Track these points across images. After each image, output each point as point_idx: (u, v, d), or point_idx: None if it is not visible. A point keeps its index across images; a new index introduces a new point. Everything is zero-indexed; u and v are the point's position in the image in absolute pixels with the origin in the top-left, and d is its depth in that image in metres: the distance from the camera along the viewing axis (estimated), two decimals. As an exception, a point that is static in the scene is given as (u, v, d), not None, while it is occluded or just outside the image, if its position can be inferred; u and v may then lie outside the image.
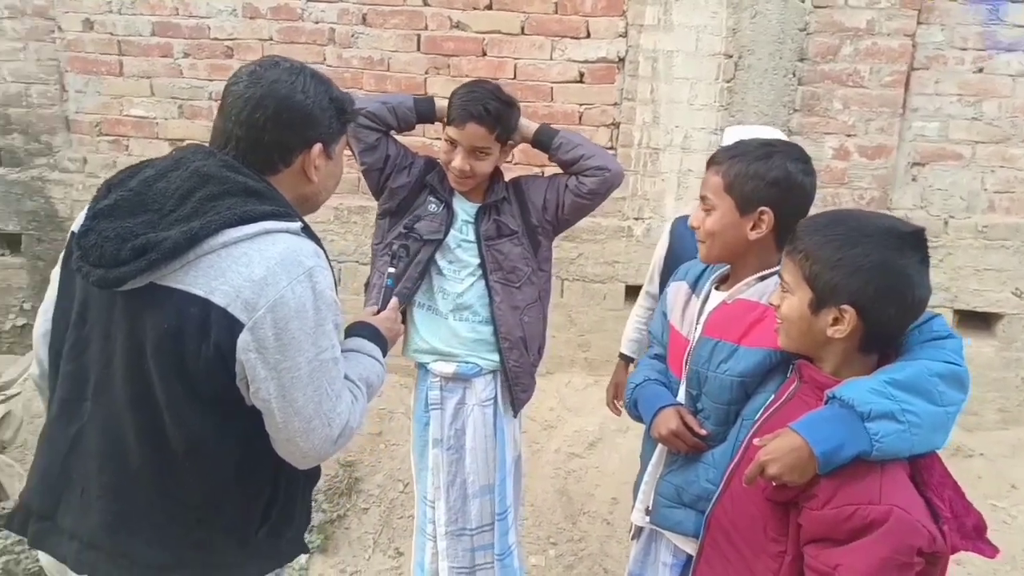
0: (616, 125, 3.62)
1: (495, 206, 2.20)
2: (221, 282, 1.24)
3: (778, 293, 1.41)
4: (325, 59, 3.78)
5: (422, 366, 2.34)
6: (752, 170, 1.58)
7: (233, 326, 1.24)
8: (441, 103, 2.22)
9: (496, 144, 2.10)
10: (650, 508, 1.80)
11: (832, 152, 3.51)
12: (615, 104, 3.63)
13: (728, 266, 1.72)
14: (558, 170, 2.26)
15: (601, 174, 2.13)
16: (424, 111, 2.22)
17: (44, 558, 1.44)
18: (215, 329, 1.24)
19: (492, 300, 2.19)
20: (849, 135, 3.48)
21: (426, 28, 3.67)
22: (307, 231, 1.39)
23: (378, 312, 1.83)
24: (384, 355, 1.64)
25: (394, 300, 1.81)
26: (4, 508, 3.13)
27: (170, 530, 1.35)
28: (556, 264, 2.62)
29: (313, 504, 3.14)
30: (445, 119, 2.13)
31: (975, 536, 1.29)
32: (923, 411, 1.22)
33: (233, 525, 1.40)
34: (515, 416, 2.40)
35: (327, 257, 1.40)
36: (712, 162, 1.67)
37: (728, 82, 3.49)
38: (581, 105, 3.64)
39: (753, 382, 1.55)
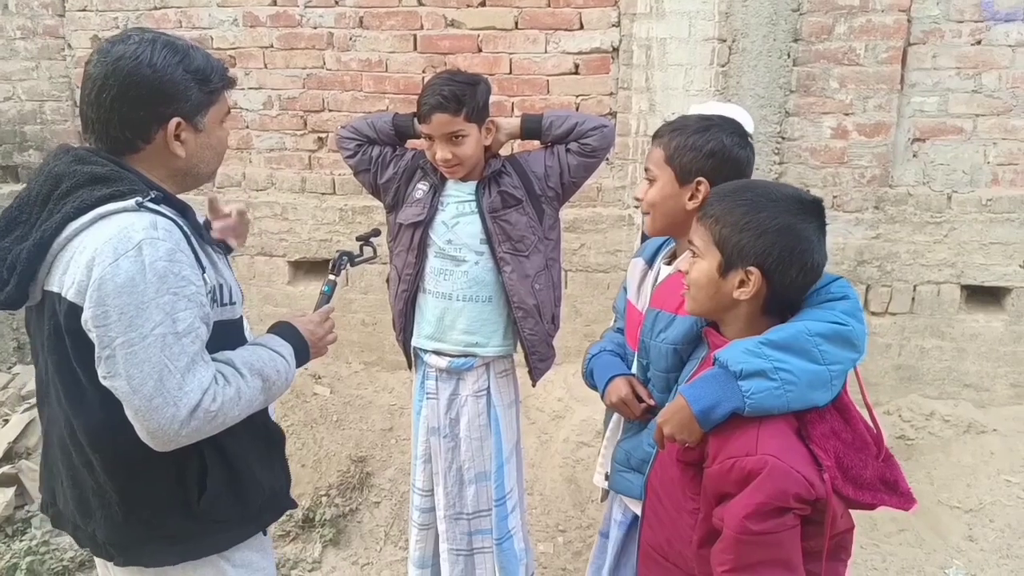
0: (613, 115, 3.64)
1: (495, 179, 2.24)
2: (67, 275, 1.29)
3: (688, 259, 1.47)
4: (325, 63, 3.85)
5: (420, 357, 2.39)
6: (691, 142, 1.68)
7: (76, 312, 1.27)
8: None
9: (469, 124, 2.13)
10: (608, 474, 1.91)
11: (830, 132, 3.49)
12: (611, 94, 3.65)
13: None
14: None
15: (600, 131, 2.21)
16: (402, 125, 2.30)
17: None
18: (66, 319, 1.29)
19: (502, 271, 2.23)
20: (847, 114, 3.46)
21: (422, 28, 3.72)
22: (167, 202, 1.37)
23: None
24: (303, 356, 1.60)
25: (325, 307, 1.77)
26: (28, 511, 3.23)
27: (115, 511, 1.41)
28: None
29: (325, 499, 3.23)
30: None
31: (882, 488, 1.31)
32: (799, 369, 1.26)
33: (170, 500, 1.42)
34: (534, 385, 2.47)
35: (184, 227, 1.36)
36: (655, 136, 1.78)
37: (723, 66, 3.49)
38: (577, 96, 3.67)
39: (686, 350, 1.63)
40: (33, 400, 3.79)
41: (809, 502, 1.23)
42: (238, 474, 1.47)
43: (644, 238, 2.31)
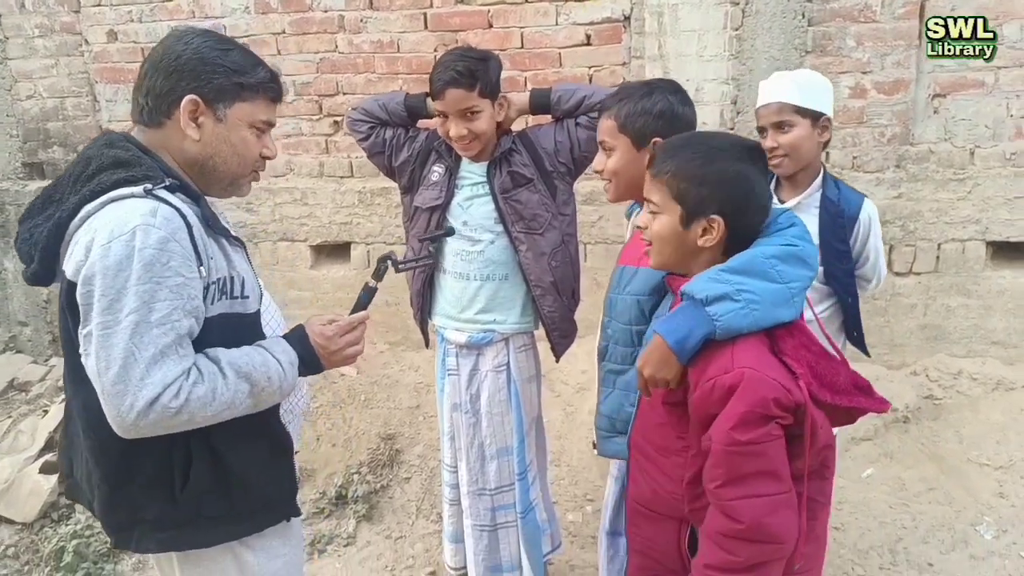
0: (626, 85, 3.62)
1: (505, 158, 2.24)
2: (72, 255, 1.31)
3: (645, 216, 1.50)
4: (337, 47, 3.87)
5: (439, 334, 2.43)
6: (639, 107, 1.76)
7: (74, 290, 1.30)
8: None
9: (483, 100, 2.13)
10: (595, 442, 1.97)
11: (848, 91, 3.44)
12: (624, 64, 3.62)
13: None
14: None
15: None
16: (413, 105, 2.30)
17: None
18: (66, 297, 1.33)
19: (517, 251, 2.24)
20: (865, 72, 3.41)
21: (431, 6, 3.72)
22: (183, 190, 1.39)
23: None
24: (312, 365, 1.54)
25: (357, 315, 1.63)
26: (72, 497, 3.34)
27: (114, 491, 1.42)
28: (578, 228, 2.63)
29: (357, 476, 3.30)
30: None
31: (856, 392, 1.36)
32: (760, 289, 1.33)
33: (153, 485, 1.41)
34: (557, 360, 2.49)
35: (188, 218, 1.34)
36: (603, 109, 1.86)
37: (736, 30, 3.45)
38: (590, 68, 3.65)
39: (647, 301, 1.70)
40: (70, 390, 3.89)
41: (789, 409, 1.29)
42: (229, 473, 1.44)
43: None
